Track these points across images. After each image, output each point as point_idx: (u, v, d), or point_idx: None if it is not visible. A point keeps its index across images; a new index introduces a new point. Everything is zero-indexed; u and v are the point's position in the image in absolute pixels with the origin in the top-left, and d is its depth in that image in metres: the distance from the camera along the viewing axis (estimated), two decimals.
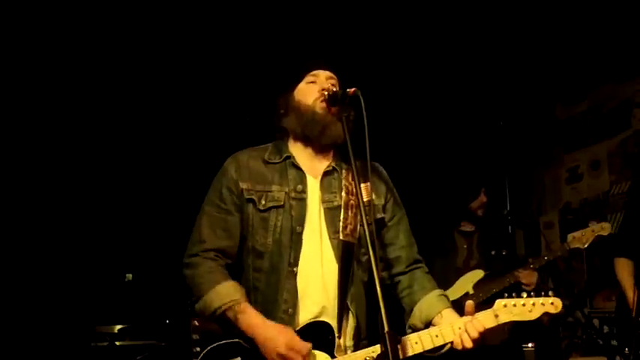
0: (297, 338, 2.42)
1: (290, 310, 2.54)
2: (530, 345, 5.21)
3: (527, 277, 4.32)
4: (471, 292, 4.43)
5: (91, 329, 5.73)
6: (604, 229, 4.32)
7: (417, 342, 2.42)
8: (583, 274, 5.73)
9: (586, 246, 4.34)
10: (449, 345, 2.45)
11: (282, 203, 2.62)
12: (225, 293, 2.51)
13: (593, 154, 5.83)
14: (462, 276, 4.56)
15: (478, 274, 4.52)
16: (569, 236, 4.37)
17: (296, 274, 2.57)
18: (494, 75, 6.12)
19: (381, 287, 2.15)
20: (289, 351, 2.38)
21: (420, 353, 2.42)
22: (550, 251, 4.51)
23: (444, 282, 4.47)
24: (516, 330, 4.62)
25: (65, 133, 6.23)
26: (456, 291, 4.47)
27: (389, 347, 2.02)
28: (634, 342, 3.71)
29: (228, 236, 2.64)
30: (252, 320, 2.47)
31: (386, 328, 2.05)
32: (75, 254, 6.37)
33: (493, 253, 4.65)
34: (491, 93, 6.29)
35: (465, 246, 4.70)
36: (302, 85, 2.74)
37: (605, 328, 5.33)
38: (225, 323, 2.53)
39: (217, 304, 2.49)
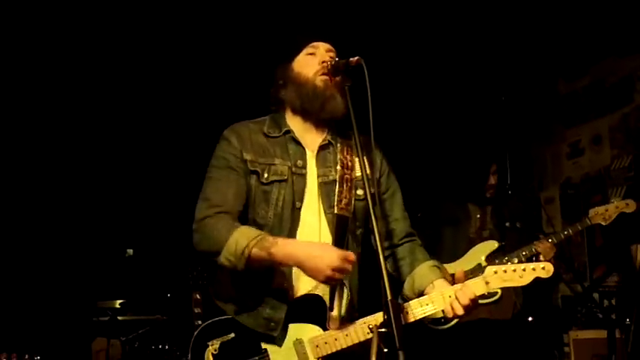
0: (339, 251, 2.40)
1: (285, 283, 2.55)
2: (529, 319, 5.23)
3: (546, 250, 4.24)
4: (484, 264, 4.32)
5: (93, 304, 5.75)
6: (629, 205, 4.21)
7: (407, 311, 2.44)
8: (583, 249, 5.75)
9: (608, 223, 4.24)
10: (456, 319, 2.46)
11: (285, 178, 2.60)
12: (248, 233, 2.45)
13: (595, 129, 5.82)
14: (473, 245, 4.48)
15: (491, 246, 4.42)
16: (592, 211, 4.26)
17: None
18: (496, 50, 6.08)
19: (383, 256, 2.16)
20: (342, 261, 2.34)
21: (428, 327, 2.44)
22: (571, 226, 4.36)
23: (454, 251, 4.49)
24: (527, 304, 4.63)
25: (65, 111, 6.22)
26: (468, 262, 4.38)
27: (392, 315, 2.02)
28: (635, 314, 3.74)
29: (236, 197, 2.58)
30: (290, 247, 2.42)
31: (389, 297, 2.06)
32: (76, 230, 6.39)
33: (508, 225, 4.59)
34: (493, 68, 6.26)
35: (479, 216, 4.64)
36: (301, 57, 2.70)
37: (605, 302, 5.35)
38: (251, 266, 2.45)
39: (245, 242, 2.40)
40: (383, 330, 2.08)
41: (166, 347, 5.22)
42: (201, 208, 2.58)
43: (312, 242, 2.48)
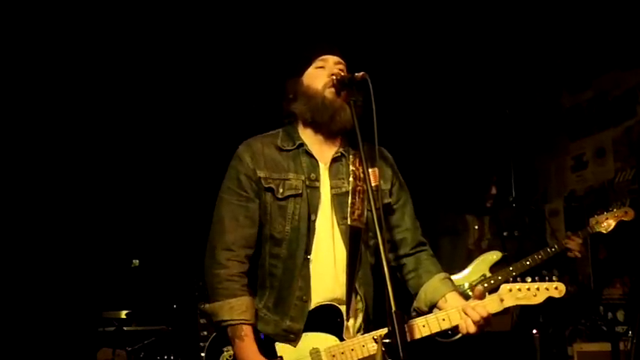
0: None
1: (304, 297, 2.59)
2: (534, 332, 5.23)
3: (577, 246, 4.25)
4: (488, 274, 4.31)
5: (99, 314, 5.77)
6: (627, 214, 4.21)
7: (424, 325, 2.47)
8: (587, 261, 5.74)
9: (608, 231, 4.25)
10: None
11: (300, 192, 2.63)
12: (238, 310, 2.54)
13: (599, 142, 5.83)
14: (472, 257, 4.45)
15: (495, 256, 4.39)
16: (592, 220, 4.28)
17: (310, 262, 2.61)
18: (501, 63, 6.12)
19: (388, 269, 2.18)
20: None
21: (434, 340, 2.46)
22: (574, 233, 4.34)
23: (453, 262, 4.43)
24: (525, 316, 4.63)
25: (73, 119, 6.26)
26: (473, 273, 4.35)
27: (396, 326, 2.05)
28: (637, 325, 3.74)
29: (251, 224, 2.64)
30: (247, 350, 2.52)
31: (393, 308, 2.08)
32: (82, 240, 6.41)
33: (506, 234, 4.59)
34: (498, 81, 6.29)
35: (477, 227, 4.64)
36: (311, 70, 2.73)
37: (610, 315, 5.36)
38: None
39: (225, 318, 2.54)
40: (387, 341, 2.11)
41: (172, 358, 5.24)
42: (215, 232, 2.66)
43: None
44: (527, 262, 4.22)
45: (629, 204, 5.27)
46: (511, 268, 4.23)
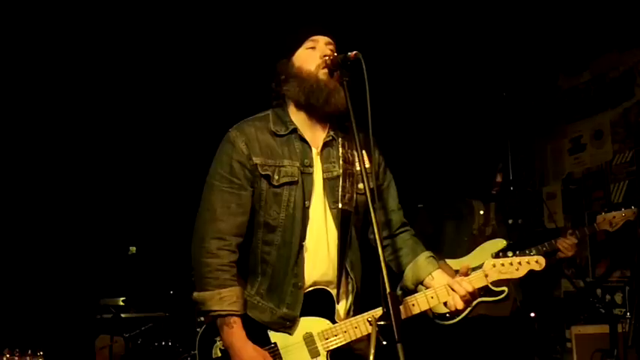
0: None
1: (299, 283, 2.58)
2: (532, 314, 5.24)
3: (569, 247, 4.33)
4: None
5: (96, 302, 5.77)
6: (635, 214, 4.32)
7: (413, 304, 2.52)
8: (585, 244, 5.73)
9: (614, 229, 4.35)
10: (463, 314, 2.54)
11: (296, 179, 2.61)
12: (228, 301, 2.51)
13: (596, 124, 5.81)
14: (475, 242, 4.49)
15: (500, 244, 4.41)
16: (599, 217, 4.38)
17: (305, 248, 2.60)
18: (497, 45, 6.08)
19: (382, 250, 2.19)
20: None
21: (432, 321, 2.49)
22: (579, 229, 4.44)
23: (456, 246, 4.50)
24: (526, 301, 4.65)
25: (68, 110, 6.24)
26: (475, 258, 4.34)
27: (391, 308, 2.04)
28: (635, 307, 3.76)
29: (243, 212, 2.61)
30: (236, 338, 2.50)
31: (387, 289, 2.08)
32: (79, 228, 6.40)
33: (510, 222, 4.62)
34: (494, 64, 6.26)
35: (482, 212, 4.64)
36: (301, 51, 2.70)
37: (608, 297, 5.36)
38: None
39: (215, 308, 2.51)
40: (382, 323, 2.11)
41: (169, 344, 5.26)
42: (203, 220, 2.61)
43: (253, 347, 2.51)
44: (532, 253, 4.25)
45: (627, 186, 5.30)
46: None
